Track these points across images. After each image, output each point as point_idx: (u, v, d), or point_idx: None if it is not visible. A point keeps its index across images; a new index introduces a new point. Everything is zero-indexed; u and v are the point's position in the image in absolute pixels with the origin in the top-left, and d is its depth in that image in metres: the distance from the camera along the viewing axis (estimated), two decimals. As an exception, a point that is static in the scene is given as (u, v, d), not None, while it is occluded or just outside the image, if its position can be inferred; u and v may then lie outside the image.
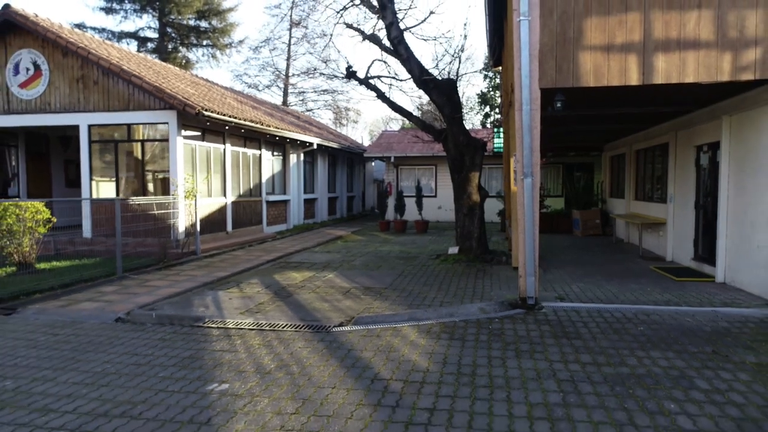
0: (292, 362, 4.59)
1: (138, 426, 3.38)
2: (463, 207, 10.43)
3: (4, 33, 12.22)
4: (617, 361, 4.50)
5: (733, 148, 7.59)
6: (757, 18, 6.14)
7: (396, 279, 8.48)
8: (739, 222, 7.39)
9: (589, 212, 15.32)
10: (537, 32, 6.47)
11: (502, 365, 4.44)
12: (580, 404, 3.64)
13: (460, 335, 5.34)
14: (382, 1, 9.64)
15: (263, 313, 6.35)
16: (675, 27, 6.33)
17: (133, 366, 4.55)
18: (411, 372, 4.31)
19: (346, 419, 3.45)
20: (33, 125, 12.60)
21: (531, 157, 6.52)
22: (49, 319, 6.26)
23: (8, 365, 4.60)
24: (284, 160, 17.64)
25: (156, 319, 6.14)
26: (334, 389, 3.96)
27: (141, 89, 11.49)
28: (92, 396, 3.89)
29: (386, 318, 6.04)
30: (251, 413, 3.56)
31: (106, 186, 12.61)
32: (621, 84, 6.48)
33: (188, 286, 7.99)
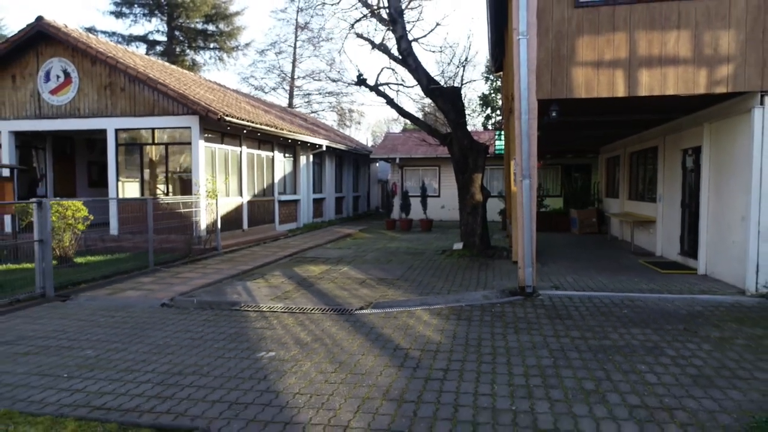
0: (324, 336, 5.39)
1: (209, 380, 4.18)
2: (466, 206, 11.22)
3: (36, 43, 13.04)
4: (601, 335, 5.29)
5: (712, 152, 8.38)
6: (729, 38, 6.93)
7: (406, 271, 9.28)
8: (717, 220, 8.18)
9: (586, 211, 16.10)
10: (534, 49, 7.26)
11: (503, 339, 5.24)
12: (567, 366, 4.43)
13: (466, 316, 6.14)
14: (392, 16, 10.44)
15: (291, 299, 7.15)
16: (657, 45, 7.13)
17: (189, 340, 5.35)
18: (426, 344, 5.11)
19: (377, 376, 4.25)
20: (63, 129, 13.43)
21: (529, 160, 7.32)
22: (101, 304, 7.06)
23: (83, 339, 5.41)
24: (295, 162, 18.45)
25: (197, 305, 6.95)
26: (363, 356, 4.76)
27: (166, 96, 12.30)
28: (163, 361, 4.69)
29: (401, 303, 6.84)
30: (298, 372, 4.35)
31: (131, 186, 13.44)
32: (609, 96, 7.28)
33: (218, 278, 8.79)
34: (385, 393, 3.90)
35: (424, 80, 10.71)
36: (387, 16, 10.90)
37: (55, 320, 6.19)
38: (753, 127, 7.01)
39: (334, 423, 3.40)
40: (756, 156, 7.02)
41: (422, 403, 3.72)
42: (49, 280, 7.43)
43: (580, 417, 3.46)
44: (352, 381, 4.15)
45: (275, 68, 39.02)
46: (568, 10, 7.33)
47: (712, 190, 8.36)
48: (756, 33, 6.87)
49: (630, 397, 3.78)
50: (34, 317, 6.36)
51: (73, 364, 4.61)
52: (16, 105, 13.41)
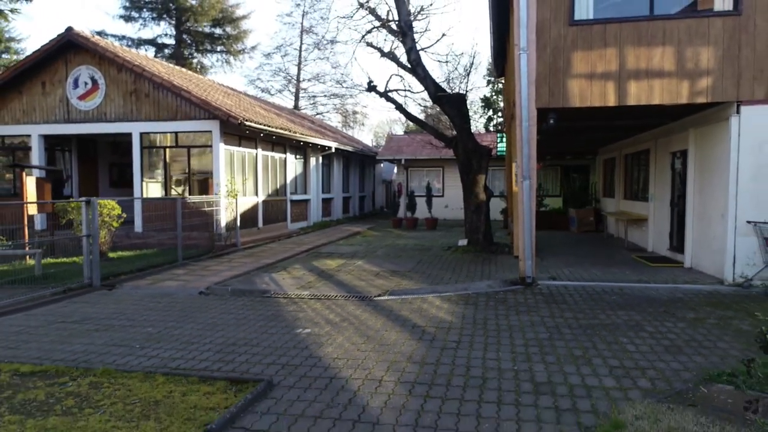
0: (350, 317, 6.20)
1: (260, 350, 4.99)
2: (471, 205, 12.02)
3: (65, 51, 13.87)
4: (591, 316, 6.10)
5: (696, 156, 9.17)
6: (709, 53, 7.73)
7: (416, 265, 10.09)
8: (701, 217, 8.98)
9: (584, 211, 16.90)
10: (534, 63, 8.06)
11: (506, 318, 6.05)
12: (560, 338, 5.24)
13: (473, 302, 6.95)
14: (403, 28, 11.25)
15: (315, 288, 7.96)
16: (644, 59, 7.92)
17: (233, 320, 6.16)
18: (439, 322, 5.91)
19: (400, 346, 5.05)
20: (90, 133, 14.25)
21: (529, 163, 8.12)
22: (145, 292, 7.88)
23: (141, 320, 6.22)
24: (305, 163, 19.27)
25: (231, 293, 7.76)
26: (387, 331, 5.57)
27: (189, 102, 13.11)
28: (216, 336, 5.50)
29: (414, 291, 7.65)
30: (333, 344, 5.16)
31: (153, 186, 14.27)
32: (601, 105, 8.08)
33: (244, 270, 9.61)
34: (409, 358, 4.71)
35: (432, 88, 11.52)
36: (397, 28, 11.70)
37: (109, 305, 7.01)
38: (730, 133, 7.81)
39: (370, 378, 4.21)
40: (733, 159, 7.81)
41: (440, 364, 4.52)
42: (96, 271, 8.24)
43: (568, 374, 4.27)
44: (380, 350, 4.95)
45: (281, 71, 39.75)
46: (564, 28, 8.13)
47: (697, 190, 9.15)
48: (732, 50, 7.67)
49: (611, 360, 4.58)
50: (89, 303, 7.18)
51: (141, 338, 5.42)
52: (46, 110, 14.24)
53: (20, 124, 14.41)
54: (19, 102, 14.40)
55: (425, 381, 4.15)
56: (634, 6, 8.12)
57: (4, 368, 4.39)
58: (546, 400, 3.75)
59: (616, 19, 8.05)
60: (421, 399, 3.79)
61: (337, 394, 3.88)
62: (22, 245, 10.15)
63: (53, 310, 6.77)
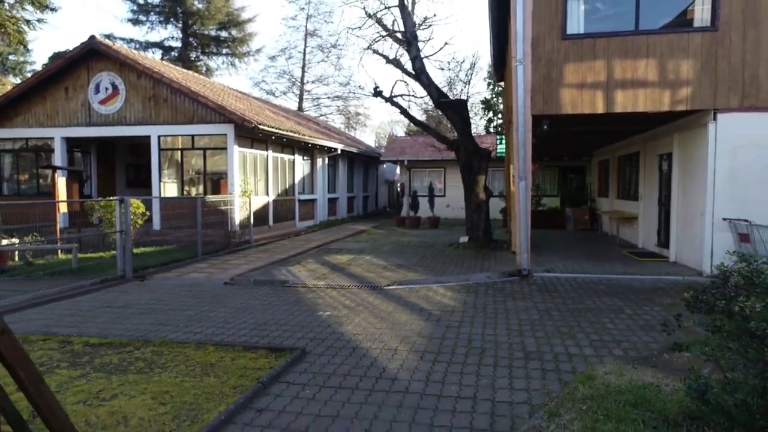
0: (364, 302, 6.96)
1: (290, 327, 5.75)
2: (471, 204, 12.78)
3: (87, 58, 14.64)
4: (578, 301, 6.86)
5: (680, 158, 9.93)
6: (689, 65, 8.49)
7: (420, 260, 10.85)
8: (684, 215, 9.74)
9: (580, 210, 17.66)
10: (529, 74, 8.82)
11: (503, 303, 6.81)
12: (549, 318, 6.00)
13: (473, 290, 7.71)
14: (408, 39, 12.01)
15: (329, 279, 8.73)
16: (630, 71, 8.68)
17: (260, 305, 6.93)
18: (443, 307, 6.68)
19: (410, 325, 5.82)
20: (110, 136, 15.03)
21: (525, 165, 8.88)
22: (174, 283, 8.64)
23: (178, 305, 6.99)
24: (312, 164, 20.04)
25: (253, 283, 8.53)
26: (397, 314, 6.34)
27: (205, 107, 13.89)
28: (248, 317, 6.27)
29: (420, 281, 8.42)
30: (352, 323, 5.92)
31: (170, 186, 15.04)
32: (591, 112, 8.84)
33: (261, 264, 10.38)
34: (418, 333, 5.47)
35: (435, 94, 12.29)
36: (402, 38, 12.47)
37: (145, 294, 7.78)
38: (708, 138, 8.57)
39: (387, 348, 4.98)
40: (711, 162, 8.56)
41: (445, 338, 5.29)
42: (128, 264, 9.01)
43: (554, 345, 5.03)
44: (393, 327, 5.72)
45: (285, 73, 40.51)
46: (557, 42, 8.89)
47: (680, 190, 9.92)
48: (710, 62, 8.42)
49: (592, 335, 5.35)
50: (126, 291, 7.95)
51: (183, 319, 6.19)
52: (69, 114, 15.01)
53: (44, 127, 15.19)
54: (43, 106, 15.18)
55: (433, 350, 4.91)
56: (621, 21, 8.88)
57: (75, 341, 5.16)
58: (534, 364, 4.51)
59: (604, 34, 8.80)
60: (430, 363, 4.56)
61: (360, 359, 4.65)
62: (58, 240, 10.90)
63: (96, 297, 7.54)
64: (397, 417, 3.50)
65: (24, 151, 15.93)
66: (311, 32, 39.26)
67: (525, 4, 8.73)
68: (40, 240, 10.63)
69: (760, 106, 8.33)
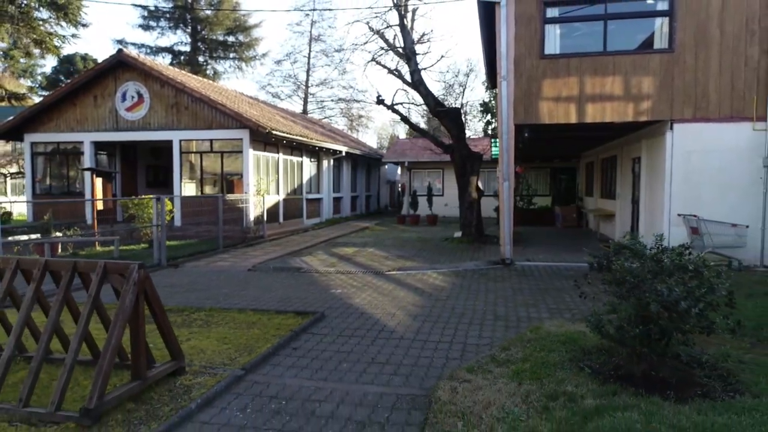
0: (369, 284, 8.32)
1: (309, 300, 7.11)
2: (465, 202, 14.13)
3: (115, 69, 16.03)
4: (548, 283, 8.21)
5: (647, 162, 11.26)
6: (649, 82, 9.82)
7: (418, 251, 12.21)
8: (649, 211, 11.07)
9: (568, 208, 18.99)
10: (512, 88, 10.17)
11: (485, 284, 8.16)
12: (521, 294, 7.35)
13: (462, 275, 9.07)
14: (407, 54, 13.37)
15: (338, 266, 10.08)
16: (599, 86, 10.02)
17: (281, 285, 8.29)
18: (435, 286, 8.03)
19: (407, 299, 7.17)
20: (135, 140, 16.42)
21: (508, 168, 10.23)
22: (205, 269, 10.01)
23: (213, 286, 8.35)
24: (318, 165, 21.41)
25: (273, 270, 9.89)
26: (396, 291, 7.69)
27: (223, 114, 15.25)
28: (273, 294, 7.63)
29: (417, 268, 9.77)
30: (359, 297, 7.28)
31: (189, 186, 16.41)
32: (565, 122, 10.17)
33: (277, 255, 11.74)
34: (413, 304, 6.83)
35: (432, 104, 13.64)
36: (403, 52, 13.82)
37: (183, 277, 9.15)
38: (666, 145, 9.90)
39: (387, 313, 6.33)
40: (668, 165, 9.90)
41: (434, 307, 6.64)
42: (164, 254, 10.38)
43: (519, 311, 6.38)
44: (392, 300, 7.08)
45: (291, 77, 41.84)
46: (536, 61, 10.22)
47: (647, 189, 11.25)
48: (667, 79, 9.75)
49: (551, 305, 6.70)
50: (166, 276, 9.32)
51: (221, 295, 7.55)
52: (97, 119, 16.40)
53: (74, 132, 16.58)
54: (74, 113, 16.57)
55: (423, 315, 6.27)
56: (592, 43, 10.22)
57: (141, 308, 6.52)
58: (500, 323, 5.86)
59: (577, 54, 10.14)
60: (421, 323, 5.91)
61: (367, 320, 6.01)
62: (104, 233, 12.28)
63: (142, 280, 8.90)
64: (394, 352, 4.85)
65: (56, 153, 17.32)
66: (315, 37, 40.62)
67: (508, 28, 10.08)
68: (80, 234, 12.00)
69: (710, 117, 9.66)
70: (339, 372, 4.35)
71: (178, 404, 3.59)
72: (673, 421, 3.07)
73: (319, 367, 4.48)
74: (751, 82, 9.51)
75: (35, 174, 17.39)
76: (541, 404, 3.43)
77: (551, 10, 10.24)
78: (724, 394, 3.60)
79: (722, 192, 9.66)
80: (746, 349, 4.72)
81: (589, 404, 3.36)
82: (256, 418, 3.47)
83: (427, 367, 4.45)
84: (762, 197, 9.49)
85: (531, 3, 10.11)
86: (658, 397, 3.48)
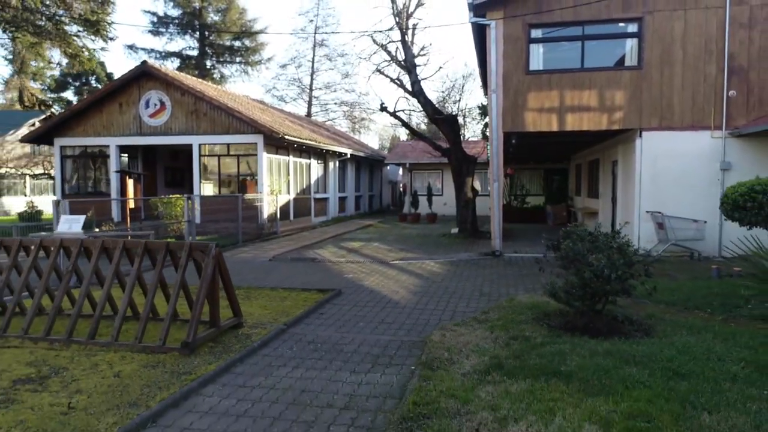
0: (376, 270, 9.69)
1: (327, 282, 8.48)
2: (461, 201, 15.50)
3: (139, 79, 17.41)
4: (529, 270, 9.57)
5: (623, 164, 12.63)
6: (620, 95, 11.18)
7: (418, 245, 13.58)
8: (624, 209, 12.44)
9: (559, 207, 20.36)
10: (501, 100, 11.53)
11: (476, 271, 9.53)
12: (504, 278, 8.72)
13: (456, 263, 10.44)
14: (408, 67, 14.74)
15: (347, 257, 11.46)
16: (577, 98, 11.38)
17: (300, 272, 9.65)
18: (432, 272, 9.40)
19: (408, 280, 8.55)
20: (158, 144, 17.80)
21: (497, 171, 11.60)
22: (230, 260, 11.36)
23: (241, 272, 9.71)
24: (325, 167, 22.79)
25: (291, 260, 11.27)
26: (399, 275, 9.07)
27: (240, 120, 16.63)
28: (295, 278, 9.00)
29: (417, 258, 11.15)
30: (368, 280, 8.65)
31: (207, 186, 17.79)
32: (548, 130, 11.54)
33: (292, 248, 13.12)
34: (413, 284, 8.21)
35: (431, 112, 15.01)
36: (404, 64, 15.19)
37: (213, 266, 10.51)
38: (636, 150, 11.26)
39: (392, 291, 7.71)
40: (638, 167, 11.25)
41: (431, 287, 8.01)
42: (193, 246, 11.74)
43: (501, 290, 7.75)
44: (396, 282, 8.45)
45: (295, 80, 43.22)
46: (522, 76, 11.58)
47: (622, 189, 12.61)
48: (636, 93, 11.11)
49: (528, 286, 8.06)
50: (198, 265, 10.68)
51: (250, 279, 8.92)
52: (122, 125, 17.79)
53: (101, 137, 17.97)
54: (100, 119, 17.95)
55: (422, 292, 7.64)
56: (571, 61, 11.57)
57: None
58: (484, 298, 7.24)
59: (558, 70, 11.50)
60: (419, 297, 7.28)
61: (376, 295, 7.38)
62: (134, 229, 13.67)
63: (179, 268, 10.28)
64: (398, 316, 6.22)
65: (83, 156, 18.71)
66: (319, 42, 42.01)
67: (497, 47, 11.45)
68: (114, 230, 13.37)
69: (674, 126, 11.02)
70: (357, 328, 5.73)
71: (244, 344, 4.97)
72: (592, 348, 4.45)
73: (341, 324, 5.86)
74: (709, 96, 10.87)
75: (64, 175, 18.78)
76: (505, 342, 4.80)
77: (535, 31, 11.61)
78: (638, 336, 4.97)
79: (685, 191, 11.02)
80: (672, 313, 6.09)
81: (538, 341, 4.74)
82: (300, 352, 4.84)
83: (424, 324, 5.83)
84: (719, 196, 10.85)
85: (517, 25, 11.48)
86: (588, 338, 4.85)
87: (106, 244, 5.30)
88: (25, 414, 3.39)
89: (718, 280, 8.19)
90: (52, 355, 4.56)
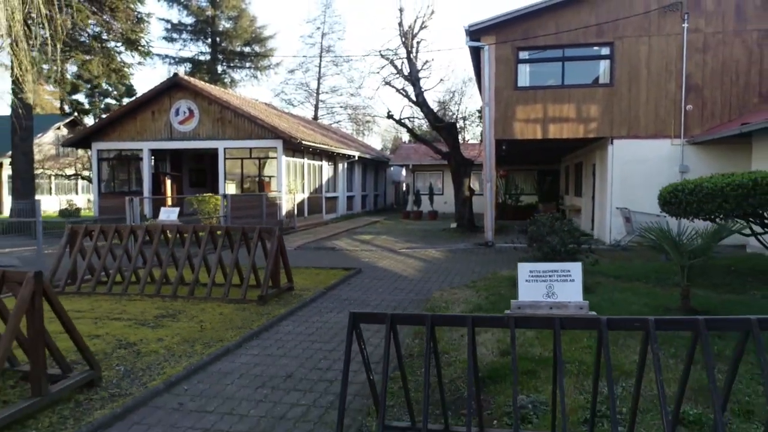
0: (386, 256, 11.62)
1: (349, 264, 10.40)
2: (459, 199, 17.41)
3: (170, 89, 19.34)
4: (515, 256, 11.47)
5: (599, 167, 14.52)
6: (595, 108, 13.07)
7: (421, 238, 15.51)
8: (600, 206, 14.35)
9: (549, 205, 22.24)
10: (493, 112, 13.44)
11: (469, 257, 11.45)
12: (493, 262, 10.64)
13: (453, 251, 12.36)
14: (412, 80, 16.66)
15: (361, 247, 13.38)
16: (558, 111, 13.28)
17: (324, 258, 11.57)
18: (433, 258, 11.32)
19: (413, 264, 10.48)
20: (186, 148, 19.74)
21: (490, 173, 13.51)
22: (261, 249, 13.28)
23: (275, 257, 11.65)
24: (335, 168, 24.72)
25: (313, 249, 13.19)
26: (407, 259, 10.99)
27: (262, 127, 18.56)
28: (322, 261, 10.91)
29: (420, 247, 13.08)
30: (382, 263, 10.57)
31: (230, 186, 19.72)
32: (533, 138, 13.45)
33: (311, 240, 15.04)
34: (418, 266, 10.13)
35: (432, 120, 16.93)
36: (409, 77, 17.11)
37: (248, 253, 12.44)
38: (608, 155, 13.16)
39: (401, 269, 9.64)
40: (610, 170, 13.15)
41: (433, 267, 9.94)
42: (228, 237, 13.67)
43: (489, 269, 9.66)
44: (404, 264, 10.37)
45: (303, 85, 45.15)
46: (511, 92, 13.49)
47: (599, 189, 14.52)
48: (609, 107, 13.01)
49: (512, 267, 9.94)
50: (235, 252, 12.60)
51: (284, 262, 10.84)
52: (154, 131, 19.72)
53: (135, 141, 19.90)
54: (134, 125, 19.89)
55: (425, 270, 9.56)
56: (553, 79, 13.48)
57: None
58: (475, 274, 9.15)
59: (542, 87, 13.41)
60: (423, 273, 9.20)
61: (389, 272, 9.30)
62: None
63: (220, 255, 12.22)
64: (408, 285, 8.15)
65: (118, 159, 20.67)
66: (326, 48, 43.95)
67: (490, 67, 13.37)
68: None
69: (640, 135, 12.92)
70: (377, 291, 7.66)
71: (299, 299, 6.91)
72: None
73: (365, 290, 7.79)
74: (669, 109, 12.77)
75: (101, 176, 20.74)
76: (485, 296, 6.73)
77: (522, 53, 13.53)
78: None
79: (649, 191, 12.83)
80: (615, 283, 7.99)
81: (507, 296, 6.65)
82: (338, 305, 6.76)
83: (428, 290, 7.76)
84: (677, 195, 12.74)
85: (507, 48, 13.39)
86: (545, 294, 6.77)
87: (197, 228, 7.23)
88: (176, 330, 5.33)
89: (666, 262, 10.09)
90: (169, 304, 6.50)
